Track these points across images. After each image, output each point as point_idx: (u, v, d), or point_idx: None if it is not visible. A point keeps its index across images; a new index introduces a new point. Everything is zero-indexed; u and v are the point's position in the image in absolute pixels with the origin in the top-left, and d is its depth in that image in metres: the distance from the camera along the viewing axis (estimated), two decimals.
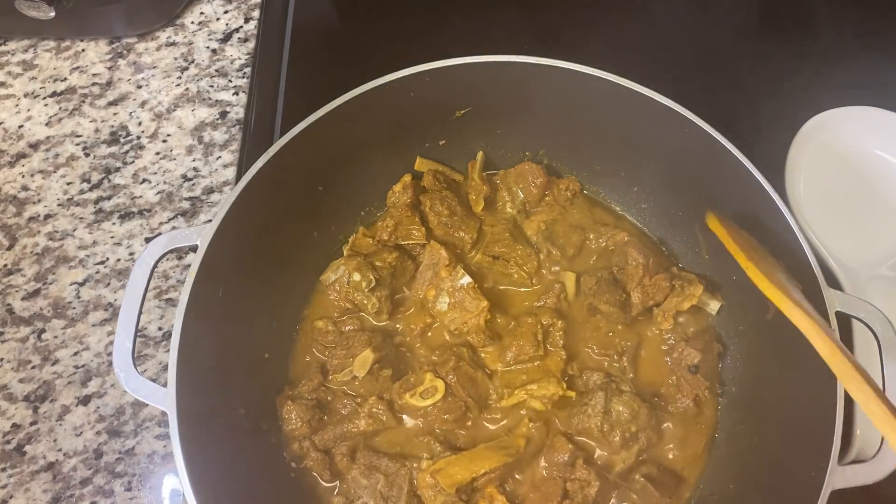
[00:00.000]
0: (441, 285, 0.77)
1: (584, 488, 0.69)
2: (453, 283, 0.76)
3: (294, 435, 0.73)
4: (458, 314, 0.76)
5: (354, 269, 0.77)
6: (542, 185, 0.82)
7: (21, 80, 0.97)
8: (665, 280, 0.77)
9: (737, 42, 1.02)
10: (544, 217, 0.83)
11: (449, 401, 0.72)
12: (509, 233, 0.81)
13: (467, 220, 0.82)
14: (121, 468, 0.76)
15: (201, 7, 1.02)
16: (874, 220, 0.86)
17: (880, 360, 0.62)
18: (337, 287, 0.79)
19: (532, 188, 0.83)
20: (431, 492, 0.69)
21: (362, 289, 0.76)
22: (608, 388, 0.73)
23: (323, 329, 0.78)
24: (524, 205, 0.84)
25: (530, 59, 0.72)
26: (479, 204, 0.83)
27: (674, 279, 0.77)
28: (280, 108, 0.96)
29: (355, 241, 0.82)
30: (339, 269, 0.80)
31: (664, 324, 0.77)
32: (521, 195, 0.83)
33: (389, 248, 0.80)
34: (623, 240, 0.80)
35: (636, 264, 0.77)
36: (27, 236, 0.87)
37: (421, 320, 0.78)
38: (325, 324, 0.78)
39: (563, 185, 0.84)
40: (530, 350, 0.74)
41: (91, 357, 0.80)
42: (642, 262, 0.77)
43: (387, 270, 0.77)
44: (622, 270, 0.78)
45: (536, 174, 0.82)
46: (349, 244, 0.82)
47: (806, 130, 0.88)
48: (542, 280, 0.81)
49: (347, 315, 0.79)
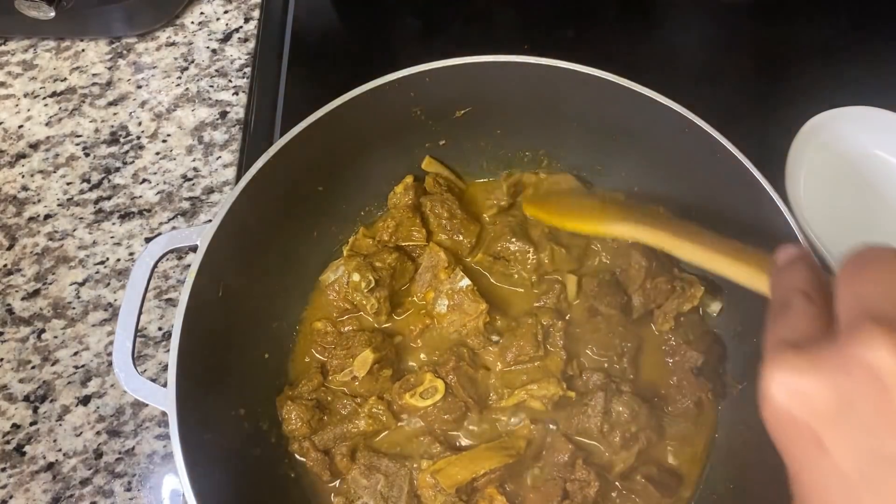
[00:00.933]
0: (440, 287, 0.77)
1: (584, 488, 0.69)
2: (452, 285, 0.76)
3: (294, 435, 0.73)
4: (457, 317, 0.76)
5: (354, 269, 0.77)
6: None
7: (21, 80, 0.97)
8: (666, 283, 0.77)
9: (737, 42, 1.02)
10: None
11: (449, 401, 0.72)
12: (511, 230, 0.81)
13: (467, 224, 0.81)
14: (121, 468, 0.76)
15: (201, 7, 1.02)
16: (874, 220, 0.86)
17: None
18: (336, 287, 0.79)
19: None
20: (431, 492, 0.69)
21: (361, 289, 0.76)
22: (608, 388, 0.72)
23: (322, 330, 0.78)
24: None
25: (530, 59, 0.72)
26: (491, 210, 0.83)
27: (675, 281, 0.77)
28: (280, 108, 0.96)
29: (355, 241, 0.82)
30: (338, 269, 0.80)
31: (665, 325, 0.77)
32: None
33: (389, 249, 0.79)
34: (627, 242, 0.80)
35: (639, 267, 0.77)
36: (27, 236, 0.87)
37: (420, 321, 0.78)
38: (324, 325, 0.78)
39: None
40: (530, 350, 0.74)
41: (91, 357, 0.80)
42: (645, 266, 0.76)
43: (386, 271, 0.77)
44: (624, 273, 0.78)
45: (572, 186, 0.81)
46: (349, 245, 0.82)
47: (806, 130, 0.87)
48: (543, 280, 0.80)
49: (347, 315, 0.79)
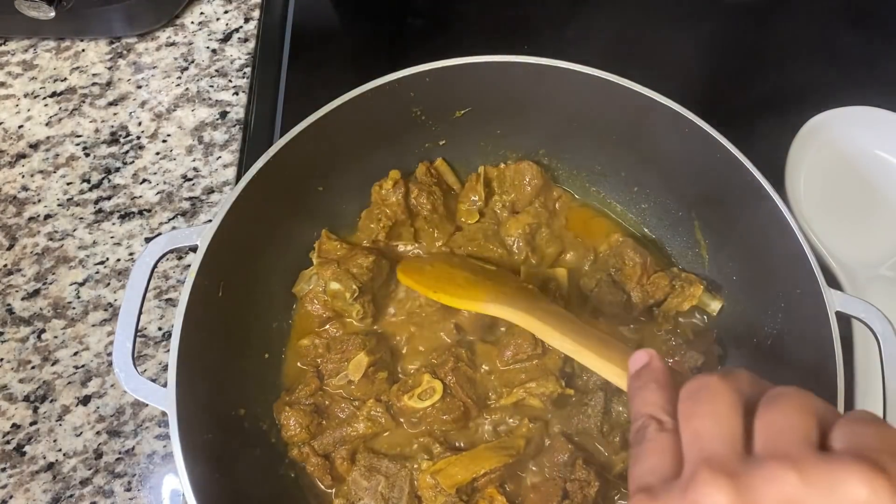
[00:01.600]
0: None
1: (584, 488, 0.69)
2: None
3: (294, 441, 0.73)
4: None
5: (331, 277, 0.74)
6: (536, 188, 0.82)
7: (21, 80, 0.97)
8: (664, 278, 0.77)
9: (737, 42, 1.02)
10: (529, 220, 0.81)
11: (448, 401, 0.72)
12: (483, 235, 0.81)
13: (444, 223, 0.81)
14: (121, 468, 0.76)
15: (201, 7, 1.02)
16: (874, 220, 0.86)
17: (880, 359, 0.62)
18: (313, 298, 0.77)
19: (527, 188, 0.82)
20: (432, 492, 0.69)
21: (346, 298, 0.74)
22: (608, 388, 0.73)
23: (309, 345, 0.76)
24: (513, 203, 0.83)
25: (530, 59, 0.72)
26: (473, 216, 0.82)
27: (674, 279, 0.77)
28: (280, 108, 0.96)
29: (320, 245, 0.79)
30: (311, 279, 0.78)
31: (665, 324, 0.77)
32: (513, 193, 0.83)
33: (364, 251, 0.77)
34: (617, 241, 0.80)
35: (633, 264, 0.77)
36: (27, 236, 0.87)
37: (408, 320, 0.78)
38: (310, 340, 0.76)
39: (556, 194, 0.84)
40: (528, 349, 0.74)
41: (91, 357, 0.80)
42: (640, 262, 0.77)
43: (366, 276, 0.75)
44: (619, 272, 0.78)
45: (535, 175, 0.81)
46: (315, 250, 0.79)
47: (806, 130, 0.87)
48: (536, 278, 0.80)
49: (329, 324, 0.78)
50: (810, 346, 0.65)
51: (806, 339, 0.66)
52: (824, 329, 0.63)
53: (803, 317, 0.66)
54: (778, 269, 0.69)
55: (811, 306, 0.64)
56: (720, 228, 0.78)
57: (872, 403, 0.74)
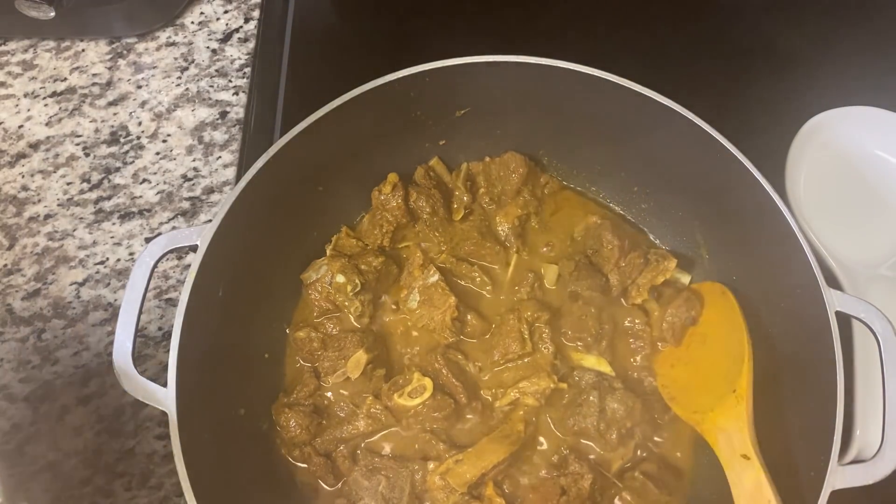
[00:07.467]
0: (413, 284, 0.77)
1: (578, 481, 0.69)
2: (424, 280, 0.77)
3: (294, 442, 0.73)
4: (426, 311, 0.76)
5: (338, 270, 0.75)
6: (522, 176, 0.81)
7: (21, 80, 0.97)
8: (639, 257, 0.78)
9: (737, 42, 1.02)
10: (518, 212, 0.82)
11: (438, 398, 0.72)
12: (478, 231, 0.81)
13: (445, 225, 0.82)
14: (121, 468, 0.76)
15: (201, 7, 1.02)
16: (874, 221, 0.86)
17: (880, 360, 0.62)
18: (318, 287, 0.78)
19: (513, 177, 0.82)
20: (442, 493, 0.69)
21: (346, 292, 0.75)
22: (601, 386, 0.73)
23: (304, 338, 0.77)
24: (500, 196, 0.83)
25: (530, 59, 0.72)
26: (459, 213, 0.83)
27: (648, 254, 0.78)
28: (280, 108, 0.96)
29: (338, 240, 0.80)
30: (320, 268, 0.78)
31: (638, 298, 0.77)
32: (499, 185, 0.83)
33: (376, 252, 0.79)
34: (595, 223, 0.80)
35: (611, 246, 0.77)
36: (27, 236, 0.87)
37: (402, 322, 0.79)
38: (306, 333, 0.77)
39: (543, 180, 0.84)
40: (517, 348, 0.74)
41: (91, 357, 0.80)
42: (618, 244, 0.77)
43: (372, 275, 0.76)
44: (597, 253, 0.78)
45: (519, 164, 0.81)
46: (332, 244, 0.80)
47: (806, 130, 0.87)
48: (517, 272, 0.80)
49: (326, 317, 0.78)
50: (810, 346, 0.65)
51: (806, 339, 0.66)
52: (824, 329, 0.63)
53: (803, 317, 0.66)
54: (778, 268, 0.69)
55: (811, 306, 0.64)
56: (720, 228, 0.78)
57: (872, 403, 0.74)
